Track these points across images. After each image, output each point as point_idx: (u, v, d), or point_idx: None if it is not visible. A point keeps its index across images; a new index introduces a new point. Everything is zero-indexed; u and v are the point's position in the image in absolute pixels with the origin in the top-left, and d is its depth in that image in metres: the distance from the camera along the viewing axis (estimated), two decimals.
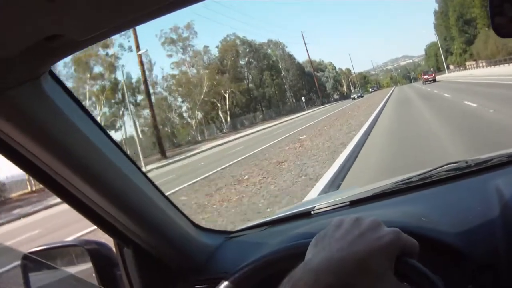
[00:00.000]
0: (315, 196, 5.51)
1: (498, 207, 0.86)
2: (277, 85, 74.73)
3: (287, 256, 0.81)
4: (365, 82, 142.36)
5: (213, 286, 0.83)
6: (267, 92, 71.72)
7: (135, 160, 0.96)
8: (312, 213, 1.25)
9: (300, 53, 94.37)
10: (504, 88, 17.63)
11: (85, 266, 1.06)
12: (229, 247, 1.19)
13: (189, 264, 1.09)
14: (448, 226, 0.88)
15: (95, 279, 1.04)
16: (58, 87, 0.75)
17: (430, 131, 9.95)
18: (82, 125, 0.78)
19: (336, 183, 6.75)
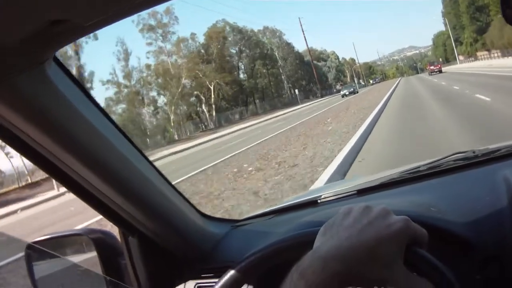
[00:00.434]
0: (322, 185, 5.49)
1: (506, 197, 0.86)
2: (272, 75, 69.60)
3: (294, 245, 0.80)
4: (370, 73, 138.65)
5: (219, 275, 0.82)
6: (260, 83, 66.52)
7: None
8: (319, 201, 1.24)
9: (300, 42, 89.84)
10: None
11: (89, 255, 1.05)
12: (235, 236, 1.19)
13: (194, 253, 1.09)
14: (456, 216, 0.87)
15: (100, 268, 1.04)
16: (63, 73, 0.74)
17: None
18: (87, 112, 0.77)
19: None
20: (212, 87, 52.40)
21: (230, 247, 1.13)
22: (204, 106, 52.60)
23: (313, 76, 77.57)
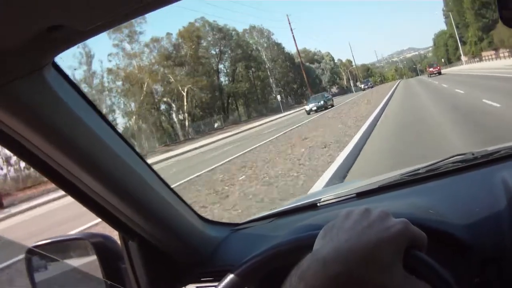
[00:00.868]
0: (321, 189, 5.49)
1: (505, 200, 0.86)
2: (257, 78, 62.37)
3: (294, 248, 0.80)
4: (368, 75, 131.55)
5: (219, 279, 0.82)
6: (242, 88, 59.20)
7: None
8: (318, 205, 1.24)
9: (293, 43, 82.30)
10: None
11: (90, 259, 1.05)
12: (235, 240, 1.18)
13: (194, 256, 1.09)
14: (454, 218, 0.87)
15: (100, 273, 1.04)
16: (62, 78, 0.74)
17: None
18: (86, 117, 0.77)
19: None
20: (185, 93, 46.48)
21: (230, 250, 1.13)
22: (175, 115, 46.65)
23: (306, 79, 67.93)
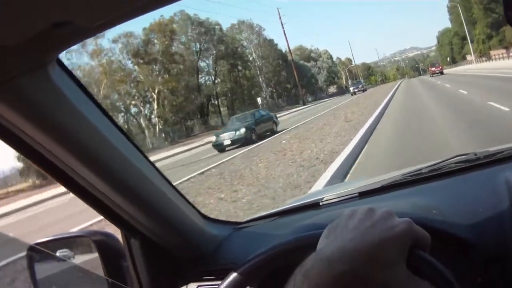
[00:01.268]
0: (322, 188, 5.48)
1: (508, 200, 0.86)
2: (244, 77, 56.58)
3: (297, 247, 0.80)
4: (369, 74, 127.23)
5: (221, 278, 0.82)
6: (224, 88, 53.76)
7: None
8: (321, 204, 1.24)
9: (288, 39, 77.80)
10: None
11: (91, 257, 1.05)
12: (237, 238, 1.18)
13: (196, 255, 1.09)
14: (457, 218, 0.87)
15: (102, 270, 1.04)
16: (66, 75, 0.74)
17: None
18: (90, 114, 0.77)
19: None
20: (155, 95, 41.70)
21: (232, 249, 1.13)
22: (142, 120, 41.49)
23: (300, 78, 62.34)
